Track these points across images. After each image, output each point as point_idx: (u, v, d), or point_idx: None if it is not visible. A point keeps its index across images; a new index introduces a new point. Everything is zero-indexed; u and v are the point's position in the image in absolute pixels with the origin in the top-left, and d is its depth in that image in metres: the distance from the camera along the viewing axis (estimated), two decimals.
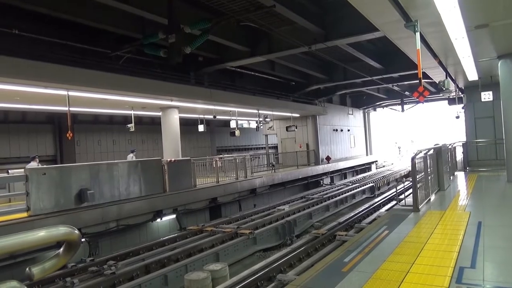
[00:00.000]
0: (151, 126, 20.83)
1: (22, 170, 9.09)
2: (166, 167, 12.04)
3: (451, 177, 11.65)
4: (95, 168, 10.20)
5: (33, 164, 12.09)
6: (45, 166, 11.15)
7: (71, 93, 10.61)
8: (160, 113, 15.26)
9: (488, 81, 13.57)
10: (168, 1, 9.72)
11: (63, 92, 10.41)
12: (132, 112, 15.37)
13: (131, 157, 14.64)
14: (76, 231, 1.68)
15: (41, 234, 1.56)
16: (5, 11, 9.90)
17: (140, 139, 20.93)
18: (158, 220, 11.58)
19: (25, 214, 8.52)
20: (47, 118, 16.83)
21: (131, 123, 15.06)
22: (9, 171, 11.21)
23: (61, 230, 1.65)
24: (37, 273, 1.63)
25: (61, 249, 1.71)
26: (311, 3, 12.57)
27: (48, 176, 8.98)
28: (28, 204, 8.55)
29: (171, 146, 14.89)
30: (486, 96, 14.38)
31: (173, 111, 14.93)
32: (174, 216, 12.05)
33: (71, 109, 11.24)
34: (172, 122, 14.98)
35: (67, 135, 11.16)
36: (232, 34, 13.26)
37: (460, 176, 12.76)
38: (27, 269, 1.61)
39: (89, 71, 10.38)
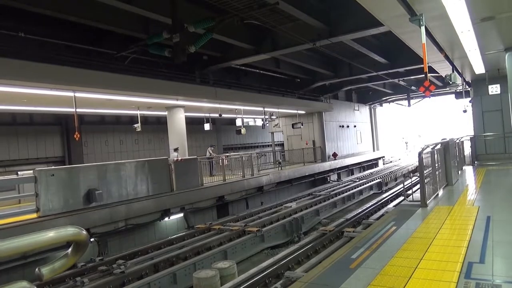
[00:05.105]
0: (157, 126, 20.94)
1: (31, 171, 9.19)
2: (173, 166, 12.11)
3: (459, 172, 11.55)
4: (103, 168, 10.28)
5: (175, 154, 13.53)
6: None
7: (78, 95, 10.70)
8: (166, 113, 15.33)
9: (496, 74, 13.42)
10: (171, 1, 9.73)
11: (69, 94, 10.51)
12: (138, 112, 15.45)
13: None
14: (84, 232, 1.70)
15: (50, 235, 1.58)
16: (11, 14, 10.00)
17: (147, 138, 21.05)
18: (166, 219, 11.65)
19: (34, 215, 8.63)
20: (54, 120, 16.97)
21: (138, 123, 15.15)
22: (18, 172, 11.35)
23: (69, 231, 1.67)
24: (46, 273, 1.66)
25: (70, 249, 1.73)
26: None
27: (57, 177, 9.08)
28: (38, 205, 8.66)
29: (178, 145, 14.95)
30: (494, 89, 14.20)
31: (178, 110, 14.98)
32: (181, 214, 12.12)
33: (78, 110, 11.32)
34: (178, 121, 15.04)
35: (75, 136, 11.26)
36: (236, 32, 13.25)
37: (469, 170, 12.63)
38: (36, 269, 1.64)
39: (95, 72, 10.46)
